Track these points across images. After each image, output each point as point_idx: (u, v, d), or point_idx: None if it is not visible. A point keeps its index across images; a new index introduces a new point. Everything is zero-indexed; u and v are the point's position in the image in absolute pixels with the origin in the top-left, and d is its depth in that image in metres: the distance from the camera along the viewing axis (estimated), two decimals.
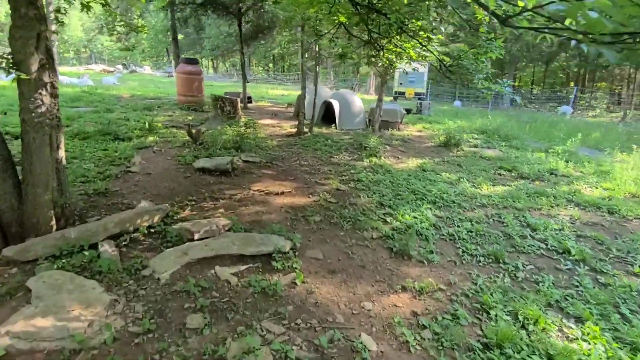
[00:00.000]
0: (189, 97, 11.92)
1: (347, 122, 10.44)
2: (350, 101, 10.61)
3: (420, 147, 9.13)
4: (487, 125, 11.22)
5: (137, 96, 15.20)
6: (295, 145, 8.57)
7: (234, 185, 5.57)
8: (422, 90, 16.72)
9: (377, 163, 7.48)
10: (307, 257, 3.69)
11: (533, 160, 7.92)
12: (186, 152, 6.72)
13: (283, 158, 7.52)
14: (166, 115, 10.81)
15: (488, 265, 3.76)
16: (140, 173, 5.62)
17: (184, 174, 5.76)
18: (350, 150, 8.38)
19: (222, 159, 6.11)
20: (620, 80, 29.79)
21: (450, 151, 8.83)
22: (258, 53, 55.29)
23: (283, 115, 12.62)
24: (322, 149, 8.25)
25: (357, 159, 7.82)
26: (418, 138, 9.97)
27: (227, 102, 9.82)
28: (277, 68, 64.72)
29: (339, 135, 9.72)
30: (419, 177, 6.69)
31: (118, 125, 8.78)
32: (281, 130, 10.03)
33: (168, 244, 3.65)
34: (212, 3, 11.66)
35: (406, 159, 8.02)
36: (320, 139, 9.06)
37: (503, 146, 9.26)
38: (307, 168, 7.01)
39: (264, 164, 6.83)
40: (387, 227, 4.49)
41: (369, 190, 5.79)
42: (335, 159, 7.69)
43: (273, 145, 8.44)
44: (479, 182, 6.48)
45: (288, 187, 5.73)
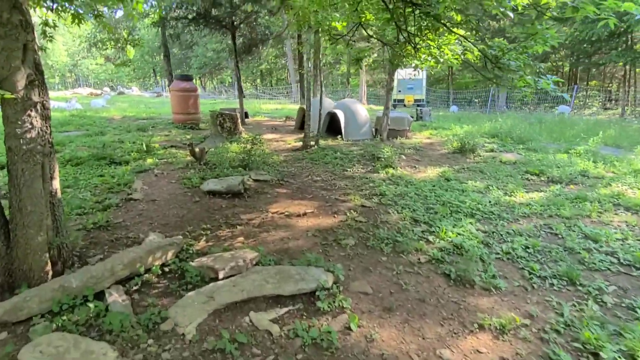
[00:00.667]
0: (185, 115, 11.37)
1: (353, 133, 9.97)
2: (355, 111, 10.15)
3: (434, 154, 8.66)
4: (497, 129, 10.82)
5: (129, 117, 14.61)
6: (303, 160, 8.05)
7: (249, 208, 5.00)
8: (421, 96, 16.39)
9: (395, 174, 6.97)
10: (353, 291, 3.12)
11: (557, 163, 7.48)
12: (191, 174, 6.15)
13: (294, 174, 6.99)
14: (162, 135, 10.24)
15: (564, 288, 3.22)
16: (143, 200, 5.03)
17: (192, 198, 5.18)
18: (363, 162, 7.87)
19: (232, 180, 5.55)
20: (611, 78, 29.93)
21: (467, 157, 8.37)
22: (246, 69, 55.18)
23: (284, 129, 12.11)
24: (333, 162, 7.74)
25: (372, 170, 7.31)
26: (429, 145, 9.51)
27: (227, 118, 9.30)
28: (265, 83, 64.63)
29: (346, 146, 9.22)
30: (445, 187, 6.18)
31: (113, 148, 8.19)
32: (286, 145, 9.51)
33: (188, 286, 3.07)
34: (204, 17, 11.21)
35: (423, 168, 7.53)
36: (328, 151, 8.55)
37: (520, 149, 8.83)
38: (322, 184, 6.48)
39: (276, 182, 6.28)
40: (432, 247, 3.95)
41: (397, 205, 5.26)
42: (349, 172, 7.17)
43: (280, 161, 7.91)
44: (510, 189, 5.99)
45: (308, 206, 5.17)
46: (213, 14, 11.33)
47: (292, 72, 35.26)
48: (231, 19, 11.84)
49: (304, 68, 13.32)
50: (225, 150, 8.54)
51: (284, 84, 59.28)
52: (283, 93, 35.66)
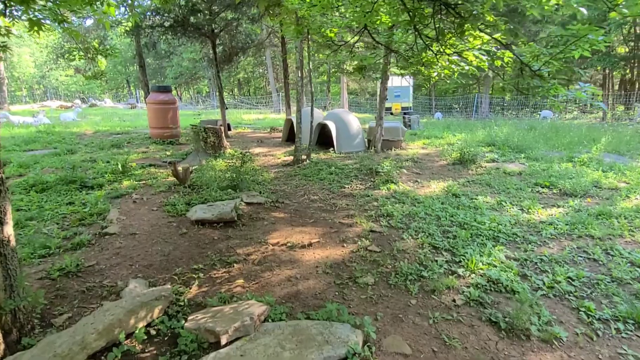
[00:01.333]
0: (163, 130, 10.61)
1: (346, 145, 9.44)
2: (347, 121, 9.64)
3: (434, 166, 8.21)
4: (492, 137, 10.49)
5: (102, 132, 13.70)
6: (296, 176, 7.46)
7: (245, 239, 4.37)
8: (409, 104, 16.05)
9: (397, 190, 6.46)
10: (389, 352, 2.54)
11: (565, 173, 7.13)
12: (175, 199, 5.46)
13: (289, 194, 6.39)
14: (139, 152, 9.47)
15: (633, 335, 2.73)
16: (120, 234, 4.32)
17: (178, 229, 4.51)
18: (360, 177, 7.34)
19: (223, 206, 4.90)
20: (587, 81, 30.52)
21: (469, 169, 7.95)
22: (223, 77, 54.27)
23: (270, 142, 11.49)
24: (329, 179, 7.18)
25: (373, 186, 6.78)
26: (426, 156, 9.07)
27: (210, 132, 8.62)
28: (243, 92, 63.81)
29: (340, 159, 8.68)
30: (455, 204, 5.70)
31: (84, 169, 7.42)
32: (275, 159, 8.89)
33: (183, 357, 2.43)
34: (182, 25, 10.54)
35: (426, 182, 7.05)
36: (322, 166, 7.99)
37: (522, 159, 8.48)
38: (320, 204, 5.90)
39: (271, 205, 5.66)
40: (465, 283, 3.42)
41: (410, 229, 4.73)
42: (347, 190, 6.62)
43: (271, 179, 7.30)
44: (526, 205, 5.55)
45: (312, 234, 4.58)
46: (191, 22, 10.67)
47: (272, 81, 34.71)
48: (211, 26, 11.20)
49: (289, 77, 12.78)
50: (210, 167, 7.86)
51: (262, 93, 58.69)
52: (263, 102, 35.00)
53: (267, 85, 54.50)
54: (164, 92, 10.54)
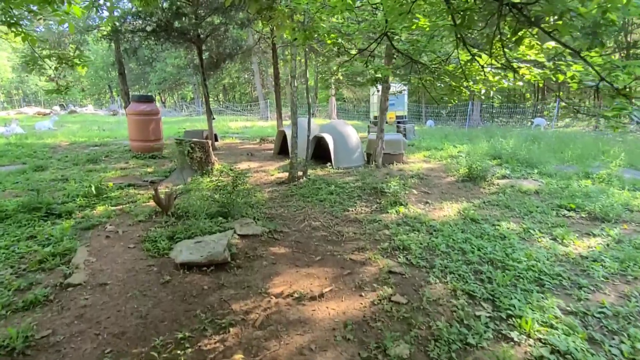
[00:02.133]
0: (145, 143, 9.76)
1: (344, 159, 8.75)
2: (345, 134, 8.95)
3: (441, 183, 7.56)
4: (497, 149, 9.92)
5: (78, 144, 12.73)
6: (293, 197, 6.72)
7: (241, 287, 3.60)
8: (403, 112, 15.48)
9: (408, 214, 5.78)
10: None
11: (587, 192, 6.56)
12: (156, 232, 4.65)
13: (287, 219, 5.65)
14: (118, 168, 8.60)
15: None
16: (87, 285, 3.51)
17: (159, 276, 3.71)
18: (364, 197, 6.64)
19: (214, 243, 4.13)
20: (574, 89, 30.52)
21: (480, 186, 7.32)
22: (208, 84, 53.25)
23: (261, 155, 10.72)
24: (329, 200, 6.46)
25: (379, 209, 6.09)
26: (431, 172, 8.43)
27: (196, 147, 7.82)
28: (229, 98, 62.77)
29: (339, 176, 7.97)
30: (477, 232, 5.03)
31: (53, 191, 6.55)
32: (268, 176, 8.13)
33: None
34: (166, 30, 9.72)
35: (438, 203, 6.39)
36: (320, 184, 7.26)
37: (535, 175, 7.89)
38: (324, 232, 5.17)
39: (269, 236, 4.91)
40: (523, 355, 2.72)
41: (434, 268, 4.03)
42: (352, 213, 5.92)
43: (266, 200, 6.54)
44: (558, 234, 4.92)
45: (321, 277, 3.84)
46: (176, 26, 9.87)
47: (259, 87, 33.96)
48: (197, 31, 10.42)
49: (279, 85, 12.06)
50: (197, 186, 7.07)
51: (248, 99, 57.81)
52: (249, 109, 34.14)
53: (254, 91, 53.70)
54: (146, 102, 9.69)
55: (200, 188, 7.03)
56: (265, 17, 7.74)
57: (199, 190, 6.92)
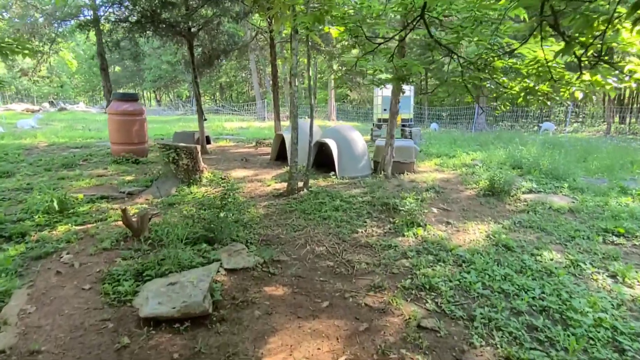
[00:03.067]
0: (127, 146, 8.80)
1: (350, 168, 7.83)
2: (350, 140, 8.03)
3: (460, 198, 6.66)
4: (516, 157, 9.03)
5: (58, 145, 11.75)
6: (292, 213, 5.81)
7: (224, 354, 2.67)
8: (409, 115, 14.57)
9: (428, 238, 4.89)
10: None
11: (629, 211, 5.69)
12: (121, 267, 3.71)
13: (285, 243, 4.73)
14: (94, 174, 7.64)
15: None
16: (13, 354, 2.57)
17: (114, 338, 2.77)
18: (375, 215, 5.73)
19: (191, 283, 3.20)
20: None
21: (505, 202, 6.44)
22: (205, 82, 52.29)
23: (257, 161, 9.78)
24: (335, 217, 5.55)
25: (394, 230, 5.19)
26: (447, 183, 7.53)
27: (182, 152, 6.89)
28: (225, 97, 61.71)
29: (344, 187, 7.06)
30: (514, 264, 4.15)
31: (11, 204, 5.61)
32: (264, 187, 7.20)
33: None
34: (152, 21, 8.77)
35: (461, 223, 5.50)
36: (323, 198, 6.35)
37: (565, 189, 7.00)
38: (330, 262, 4.27)
39: (263, 269, 3.98)
40: None
41: (475, 322, 3.13)
42: (361, 235, 5.02)
43: (260, 216, 5.62)
44: (617, 270, 4.03)
45: (331, 336, 2.92)
46: (163, 18, 8.92)
47: (256, 86, 33.00)
48: (187, 24, 9.47)
49: (277, 84, 11.13)
50: (182, 198, 6.14)
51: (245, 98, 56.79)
52: (246, 108, 33.15)
53: (251, 90, 52.74)
54: (129, 100, 8.74)
55: (186, 201, 6.10)
56: (263, 7, 6.83)
57: (184, 203, 6.00)
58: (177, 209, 5.65)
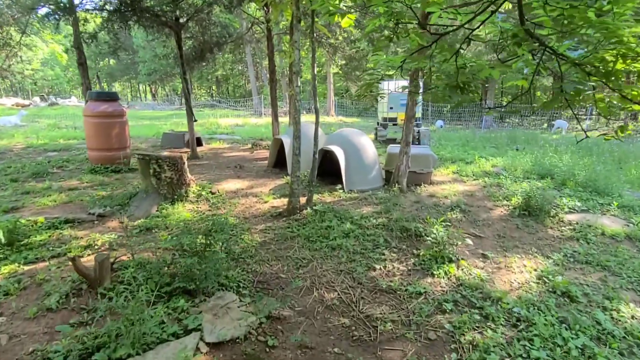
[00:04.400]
0: (106, 153, 7.77)
1: (359, 180, 6.83)
2: (359, 147, 7.02)
3: (491, 219, 5.68)
4: (545, 166, 8.03)
5: (35, 147, 10.71)
6: (294, 240, 4.83)
7: None
8: (417, 114, 13.52)
9: (464, 280, 3.93)
10: None
11: None
12: (62, 345, 2.70)
13: (285, 286, 3.78)
14: (66, 187, 6.63)
15: None
16: None
17: None
18: (393, 244, 4.75)
19: None
20: None
21: (546, 225, 5.47)
22: (200, 76, 51.04)
23: (253, 168, 8.74)
24: (346, 247, 4.58)
25: (420, 266, 4.23)
26: (470, 198, 6.54)
27: (165, 164, 5.87)
28: (222, 91, 60.44)
29: (354, 205, 6.07)
30: (590, 329, 3.18)
31: None
32: (261, 204, 6.19)
33: None
34: (133, 10, 7.69)
35: (500, 256, 4.53)
36: (330, 219, 5.36)
37: (615, 209, 6.00)
38: (346, 319, 3.30)
39: (257, 338, 2.99)
40: None
41: None
42: (380, 274, 4.06)
43: (256, 246, 4.63)
44: None
45: None
46: (146, 6, 7.84)
47: (252, 80, 31.84)
48: (174, 13, 8.40)
49: (275, 80, 10.06)
50: (163, 220, 5.14)
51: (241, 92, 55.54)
52: (242, 103, 31.97)
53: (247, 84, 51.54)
54: (107, 100, 7.68)
55: (168, 224, 5.10)
56: None
57: (165, 228, 5.00)
58: (155, 237, 4.65)
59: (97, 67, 58.74)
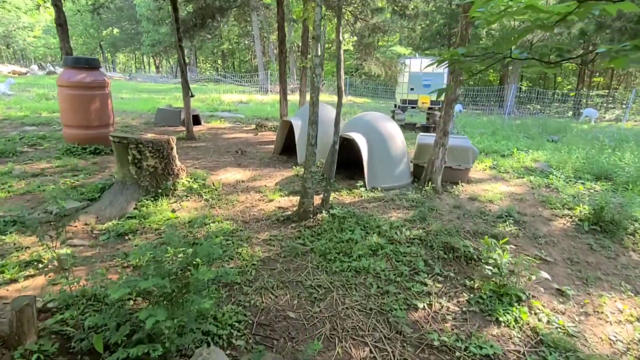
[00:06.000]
0: (83, 131, 6.60)
1: (384, 176, 5.65)
2: (386, 135, 5.79)
3: (553, 233, 4.51)
4: (603, 164, 6.79)
5: (13, 119, 9.54)
6: (306, 256, 3.71)
7: None
8: (441, 97, 12.17)
9: (543, 333, 2.81)
10: None
11: None
12: None
13: (295, 334, 2.68)
14: (30, 172, 5.49)
15: None
16: None
17: None
18: (437, 269, 3.60)
19: None
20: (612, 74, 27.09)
21: (623, 245, 4.30)
22: (205, 49, 49.27)
23: (257, 154, 7.54)
24: (374, 271, 3.47)
25: (475, 306, 3.09)
26: (519, 202, 5.35)
27: (147, 150, 4.70)
28: (228, 65, 58.68)
29: (380, 208, 4.91)
30: None
31: None
32: (264, 203, 5.03)
33: None
34: None
35: (582, 292, 3.40)
36: (352, 229, 4.21)
37: None
38: None
39: None
40: None
41: None
42: (425, 318, 2.94)
43: (257, 265, 3.49)
44: None
45: None
46: None
47: (259, 54, 30.25)
48: None
49: (284, 52, 8.77)
50: (142, 223, 4.01)
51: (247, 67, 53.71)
52: (248, 78, 30.42)
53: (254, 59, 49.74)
54: (86, 68, 6.44)
55: (146, 228, 3.98)
56: None
57: (143, 233, 3.89)
58: (128, 247, 3.53)
59: (100, 35, 56.93)
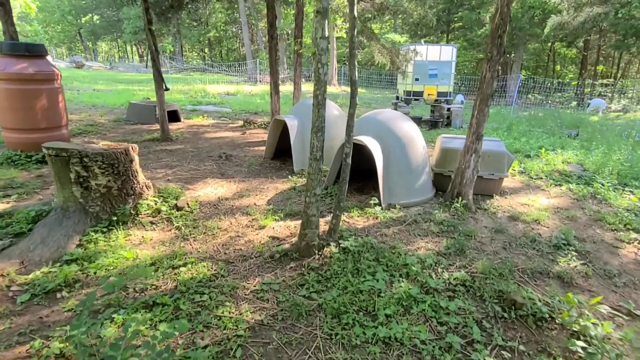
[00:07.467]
0: (26, 135, 5.35)
1: (402, 190, 4.54)
2: (404, 140, 4.65)
3: (626, 268, 3.47)
4: None
5: None
6: (313, 318, 2.60)
7: None
8: (448, 88, 11.00)
9: None
10: None
11: None
12: None
13: None
14: None
15: None
16: None
17: None
18: (498, 337, 2.51)
19: None
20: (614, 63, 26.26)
21: None
22: (191, 37, 47.39)
23: (244, 160, 6.36)
24: (411, 343, 2.37)
25: None
26: (572, 222, 4.31)
27: (96, 165, 3.52)
28: (215, 53, 56.84)
29: (402, 235, 3.81)
30: None
31: None
32: (254, 230, 3.88)
33: None
34: None
35: None
36: (371, 271, 3.12)
37: None
38: None
39: None
40: None
41: None
42: None
43: (245, 337, 2.35)
44: None
45: None
46: None
47: (247, 42, 28.73)
48: None
49: (275, 37, 7.57)
50: (82, 269, 2.84)
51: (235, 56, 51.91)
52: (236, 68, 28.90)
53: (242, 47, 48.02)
54: (27, 56, 5.18)
55: (90, 277, 2.84)
56: None
57: (83, 287, 2.75)
58: (56, 316, 2.38)
59: (78, 22, 54.42)
